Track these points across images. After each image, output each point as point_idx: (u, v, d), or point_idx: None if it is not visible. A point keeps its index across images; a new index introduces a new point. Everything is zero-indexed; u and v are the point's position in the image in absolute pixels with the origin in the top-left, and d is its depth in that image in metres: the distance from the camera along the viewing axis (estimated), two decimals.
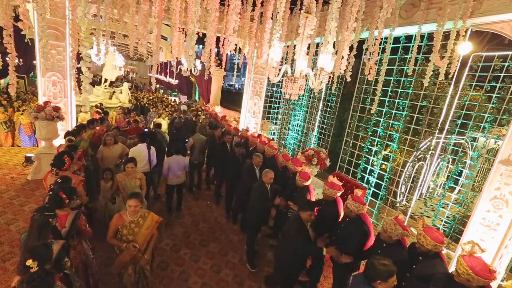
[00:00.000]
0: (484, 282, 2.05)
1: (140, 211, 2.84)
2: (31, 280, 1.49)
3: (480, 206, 3.28)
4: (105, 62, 12.00)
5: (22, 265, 1.74)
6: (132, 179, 3.84)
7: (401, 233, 2.60)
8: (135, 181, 3.85)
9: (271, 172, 3.91)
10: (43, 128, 5.69)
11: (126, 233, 2.76)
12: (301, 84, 2.47)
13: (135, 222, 2.79)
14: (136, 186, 3.84)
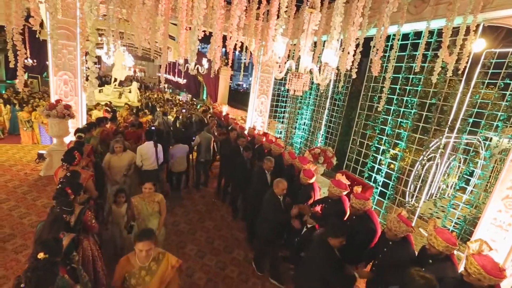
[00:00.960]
0: (496, 281, 2.00)
1: (154, 252, 2.26)
2: (36, 269, 1.53)
3: (491, 205, 3.19)
4: (115, 62, 12.23)
5: (33, 257, 1.81)
6: (149, 203, 3.29)
7: (405, 230, 2.56)
8: (153, 206, 3.31)
9: (283, 182, 3.52)
10: (54, 125, 5.85)
11: (135, 283, 2.16)
12: (306, 80, 2.46)
13: (146, 269, 2.20)
14: (154, 211, 3.32)
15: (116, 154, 4.42)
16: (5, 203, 4.69)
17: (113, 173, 4.42)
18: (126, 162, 4.51)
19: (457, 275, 2.25)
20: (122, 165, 4.45)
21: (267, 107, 9.25)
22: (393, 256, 2.65)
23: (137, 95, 12.69)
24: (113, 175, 4.42)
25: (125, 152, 4.53)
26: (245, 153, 5.07)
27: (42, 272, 1.53)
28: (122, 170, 4.45)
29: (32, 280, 1.47)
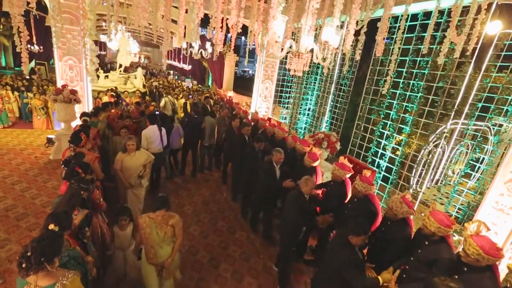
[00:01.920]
0: (493, 261, 2.03)
1: None
2: (42, 239, 1.62)
3: (493, 189, 3.16)
4: (120, 48, 12.20)
5: (45, 228, 1.91)
6: (161, 226, 2.57)
7: (406, 211, 2.58)
8: (165, 230, 2.58)
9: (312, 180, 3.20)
10: (61, 110, 5.97)
11: None
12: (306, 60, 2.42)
13: None
14: (168, 236, 2.60)
15: (129, 153, 3.81)
16: (17, 184, 4.89)
17: (126, 175, 3.82)
18: (141, 162, 3.89)
19: (452, 256, 2.28)
20: (136, 165, 3.85)
21: (271, 92, 9.17)
22: (389, 235, 2.70)
23: (142, 81, 12.70)
24: (126, 178, 3.82)
25: (139, 151, 3.93)
26: (257, 144, 4.63)
27: (48, 242, 1.61)
28: (137, 171, 3.84)
29: (38, 250, 1.55)
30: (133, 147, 3.82)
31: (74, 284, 1.70)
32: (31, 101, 8.52)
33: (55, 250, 1.64)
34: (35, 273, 1.57)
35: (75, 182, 2.42)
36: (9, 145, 6.53)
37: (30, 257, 1.53)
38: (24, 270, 1.54)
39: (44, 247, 1.57)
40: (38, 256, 1.54)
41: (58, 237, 1.72)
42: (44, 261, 1.56)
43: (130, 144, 3.79)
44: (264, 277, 3.63)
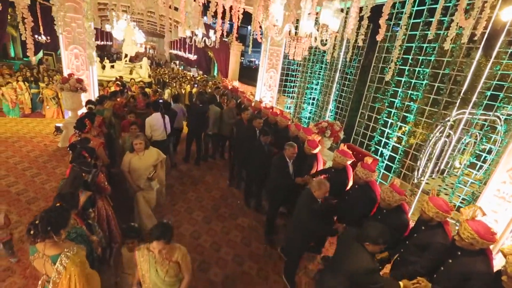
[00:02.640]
0: (487, 245, 2.05)
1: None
2: (50, 210, 1.74)
3: (495, 177, 3.13)
4: (125, 38, 12.22)
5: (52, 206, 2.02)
6: (162, 264, 2.07)
7: (399, 198, 2.60)
8: (166, 268, 2.07)
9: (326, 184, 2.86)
10: (68, 99, 6.07)
11: None
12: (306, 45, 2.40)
13: None
14: (170, 278, 2.10)
15: (137, 153, 3.48)
16: (28, 170, 5.06)
17: (134, 177, 3.52)
18: (151, 162, 3.58)
19: (446, 241, 2.30)
20: (145, 166, 3.53)
21: (276, 82, 9.10)
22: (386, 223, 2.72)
23: (148, 70, 12.75)
24: (134, 180, 3.53)
25: (148, 150, 3.59)
26: (263, 137, 4.37)
27: (55, 214, 1.73)
28: (146, 172, 3.53)
29: (45, 219, 1.68)
30: (141, 146, 3.44)
31: (78, 256, 1.80)
32: (43, 91, 8.68)
33: (61, 223, 1.74)
34: (41, 241, 1.69)
35: (77, 165, 2.51)
36: (19, 133, 6.73)
37: (38, 225, 1.65)
38: (32, 237, 1.67)
39: (51, 218, 1.69)
40: (45, 225, 1.66)
41: (65, 211, 1.83)
42: (50, 231, 1.67)
43: (137, 143, 3.41)
44: (265, 261, 3.73)
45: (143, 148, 3.51)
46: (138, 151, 3.50)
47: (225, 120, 5.99)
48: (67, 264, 1.76)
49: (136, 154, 3.51)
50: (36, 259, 1.80)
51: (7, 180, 4.65)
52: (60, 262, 1.76)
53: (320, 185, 2.83)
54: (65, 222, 1.78)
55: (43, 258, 1.78)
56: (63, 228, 1.76)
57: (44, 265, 1.80)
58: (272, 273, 3.54)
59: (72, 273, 1.77)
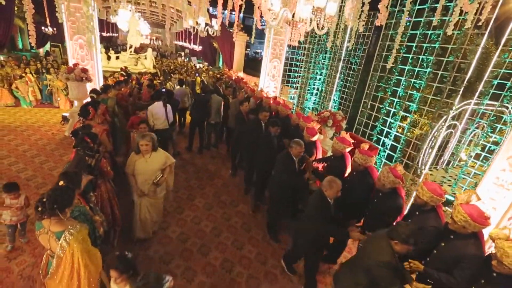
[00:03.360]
0: (480, 228, 2.07)
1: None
2: (55, 189, 1.84)
3: (495, 164, 3.11)
4: (130, 29, 12.23)
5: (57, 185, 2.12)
6: None
7: (392, 180, 2.62)
8: None
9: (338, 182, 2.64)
10: (74, 88, 6.19)
11: None
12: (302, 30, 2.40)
13: None
14: None
15: (143, 155, 3.12)
16: (36, 157, 5.23)
17: (139, 181, 3.17)
18: (158, 166, 3.20)
19: (438, 225, 2.33)
20: (152, 170, 3.16)
21: (280, 72, 9.04)
22: (382, 206, 2.76)
23: (153, 61, 12.80)
24: (139, 185, 3.18)
25: (156, 152, 3.20)
26: (273, 129, 4.17)
27: (60, 193, 1.85)
28: (151, 177, 3.17)
29: (52, 197, 1.80)
30: (147, 148, 3.07)
31: (80, 234, 1.90)
32: (53, 83, 8.79)
33: (66, 201, 1.85)
34: (48, 218, 1.81)
35: (81, 149, 2.60)
36: (28, 123, 6.91)
37: (45, 203, 1.76)
38: (39, 213, 1.80)
39: (57, 196, 1.80)
40: (51, 203, 1.78)
41: (70, 191, 1.94)
42: (56, 208, 1.79)
43: (143, 144, 3.03)
44: (264, 246, 3.82)
45: (150, 150, 3.12)
46: (145, 153, 3.12)
47: (233, 112, 5.88)
48: (70, 241, 1.87)
49: (142, 156, 3.14)
50: (41, 234, 1.91)
51: (16, 167, 4.82)
52: (64, 238, 1.86)
53: (331, 184, 2.58)
54: (70, 201, 1.88)
55: (48, 234, 1.89)
56: (68, 207, 1.87)
57: (49, 241, 1.90)
58: (271, 258, 3.63)
59: (75, 249, 1.88)
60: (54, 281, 1.96)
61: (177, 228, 3.89)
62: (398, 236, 2.00)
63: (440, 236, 2.29)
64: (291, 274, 3.39)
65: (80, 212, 2.21)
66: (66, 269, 1.91)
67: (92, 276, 2.00)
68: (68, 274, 1.91)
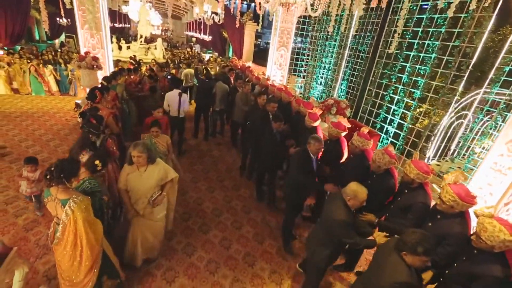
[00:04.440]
0: (467, 207, 2.11)
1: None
2: (62, 160, 2.03)
3: (493, 150, 3.08)
4: (140, 18, 12.41)
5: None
6: None
7: (388, 161, 2.66)
8: None
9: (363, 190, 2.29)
10: (86, 76, 6.44)
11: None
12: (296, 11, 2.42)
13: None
14: None
15: (137, 168, 2.60)
16: (51, 141, 5.55)
17: (132, 199, 2.66)
18: (155, 182, 2.64)
19: (426, 201, 2.38)
20: (147, 186, 2.62)
21: (286, 60, 9.00)
22: (375, 187, 2.81)
23: (163, 51, 12.98)
24: (133, 202, 2.66)
25: (154, 164, 2.65)
26: (275, 124, 3.90)
27: (66, 163, 2.05)
28: (147, 194, 2.64)
29: (59, 167, 1.99)
30: (140, 160, 2.51)
31: (83, 203, 2.06)
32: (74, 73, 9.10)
33: (72, 171, 2.05)
34: (56, 185, 1.99)
35: (86, 128, 2.78)
36: (44, 109, 7.27)
37: (53, 171, 1.95)
38: (48, 181, 1.99)
39: (64, 166, 2.00)
40: (59, 171, 1.97)
41: (75, 162, 2.13)
42: (63, 177, 1.97)
43: (135, 155, 2.47)
44: (262, 227, 3.96)
45: (145, 162, 2.56)
46: (139, 166, 2.57)
47: (239, 105, 5.53)
48: (74, 208, 2.04)
49: (136, 169, 2.59)
50: (49, 201, 2.10)
51: (33, 149, 5.15)
52: (68, 205, 2.04)
53: (356, 193, 2.23)
54: (76, 171, 2.07)
55: (55, 201, 2.08)
56: (74, 177, 2.06)
57: (56, 207, 2.09)
58: (268, 238, 3.77)
59: (78, 217, 2.05)
60: (61, 247, 2.15)
61: (180, 208, 4.08)
62: (405, 246, 1.72)
63: (429, 216, 2.35)
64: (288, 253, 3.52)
65: (91, 185, 2.38)
66: (70, 235, 2.09)
67: (92, 245, 2.16)
68: (72, 240, 2.10)
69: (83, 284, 2.20)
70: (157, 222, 2.85)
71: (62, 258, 2.14)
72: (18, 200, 3.77)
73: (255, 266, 3.30)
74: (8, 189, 3.98)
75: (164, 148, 3.63)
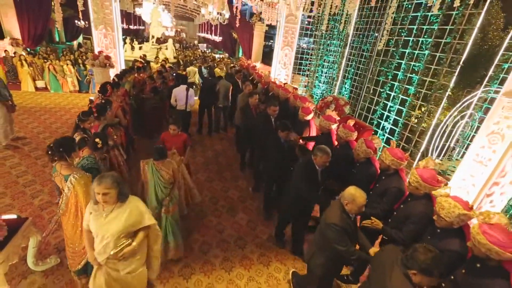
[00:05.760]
0: (430, 189, 2.26)
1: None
2: (61, 138, 2.35)
3: (476, 142, 3.16)
4: (152, 20, 12.94)
5: None
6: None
7: (365, 150, 2.83)
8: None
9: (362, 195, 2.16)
10: (99, 74, 6.89)
11: None
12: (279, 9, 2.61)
13: None
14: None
15: (103, 208, 1.98)
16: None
17: (95, 244, 2.04)
18: (121, 227, 1.96)
19: (400, 186, 2.53)
20: (112, 232, 1.95)
21: (291, 60, 9.19)
22: (359, 175, 2.98)
23: (173, 51, 13.45)
24: (96, 250, 2.04)
25: (124, 204, 2.01)
26: (282, 133, 3.60)
27: (64, 140, 2.39)
28: (111, 244, 1.97)
29: (58, 142, 2.31)
30: (107, 199, 1.91)
31: (82, 179, 2.34)
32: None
33: (69, 146, 2.37)
34: (58, 161, 2.30)
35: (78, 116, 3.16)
36: (60, 105, 7.81)
37: (52, 147, 2.26)
38: (50, 156, 2.32)
39: (62, 141, 2.34)
40: (57, 146, 2.29)
41: (70, 139, 2.48)
42: (62, 152, 2.27)
43: (99, 192, 1.87)
44: (255, 215, 4.18)
45: (114, 201, 1.95)
46: (106, 204, 1.95)
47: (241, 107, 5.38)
48: (74, 183, 2.34)
49: (100, 209, 1.98)
50: (56, 176, 2.41)
51: (50, 140, 5.46)
52: (70, 180, 2.34)
53: (354, 197, 2.13)
54: (73, 146, 2.39)
55: (59, 176, 2.39)
56: (73, 152, 2.37)
57: (61, 182, 2.41)
58: (261, 225, 3.99)
59: (78, 191, 2.34)
60: (66, 217, 2.45)
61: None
62: (415, 264, 1.55)
63: (401, 197, 2.51)
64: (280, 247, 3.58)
65: (88, 162, 2.68)
66: (72, 207, 2.39)
67: None
68: (74, 211, 2.40)
69: (81, 252, 2.49)
70: (129, 275, 2.14)
71: (67, 226, 2.45)
72: (35, 184, 4.18)
73: (245, 249, 3.52)
74: (26, 174, 4.40)
75: (169, 176, 2.83)
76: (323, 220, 2.30)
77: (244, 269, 3.23)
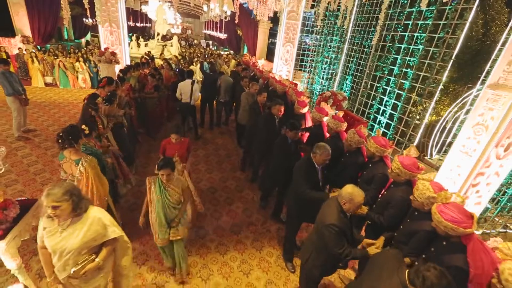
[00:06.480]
0: (410, 175, 2.39)
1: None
2: (68, 126, 2.54)
3: (462, 133, 3.25)
4: (157, 17, 13.17)
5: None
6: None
7: (357, 140, 2.96)
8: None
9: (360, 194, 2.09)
10: (105, 69, 7.14)
11: None
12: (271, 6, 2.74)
13: None
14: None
15: (58, 222, 1.75)
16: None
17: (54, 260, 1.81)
18: (79, 243, 1.75)
19: (385, 171, 2.67)
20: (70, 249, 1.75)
21: (292, 56, 9.28)
22: (346, 163, 3.12)
23: (178, 48, 13.68)
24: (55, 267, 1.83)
25: (81, 217, 1.79)
26: (290, 133, 3.46)
27: (71, 128, 2.58)
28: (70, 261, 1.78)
29: (66, 131, 2.51)
30: (59, 213, 1.68)
31: (92, 162, 2.58)
32: None
33: (76, 134, 2.56)
34: (68, 148, 2.50)
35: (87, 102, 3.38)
36: (69, 100, 8.12)
37: (62, 136, 2.46)
38: (60, 144, 2.51)
39: (69, 130, 2.53)
40: (66, 135, 2.48)
41: (75, 127, 2.68)
42: (71, 139, 2.47)
43: (49, 205, 1.64)
44: (251, 204, 4.36)
45: (68, 215, 1.74)
46: (60, 219, 1.75)
47: (244, 106, 5.30)
48: (86, 166, 2.56)
49: (56, 224, 1.76)
50: (65, 162, 2.63)
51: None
52: (81, 164, 2.56)
53: (352, 196, 2.07)
54: (79, 134, 2.60)
55: (69, 162, 2.61)
56: (80, 139, 2.58)
57: (71, 167, 2.62)
58: (256, 213, 4.17)
59: (90, 173, 2.57)
60: None
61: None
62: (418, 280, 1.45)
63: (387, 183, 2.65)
64: None
65: (91, 152, 2.91)
66: (83, 188, 2.62)
67: (101, 196, 2.69)
68: (85, 191, 2.62)
69: None
70: None
71: None
72: (44, 172, 4.45)
73: (240, 235, 3.71)
74: (37, 163, 4.68)
75: (178, 196, 2.55)
76: (320, 220, 2.21)
77: (238, 253, 3.42)
